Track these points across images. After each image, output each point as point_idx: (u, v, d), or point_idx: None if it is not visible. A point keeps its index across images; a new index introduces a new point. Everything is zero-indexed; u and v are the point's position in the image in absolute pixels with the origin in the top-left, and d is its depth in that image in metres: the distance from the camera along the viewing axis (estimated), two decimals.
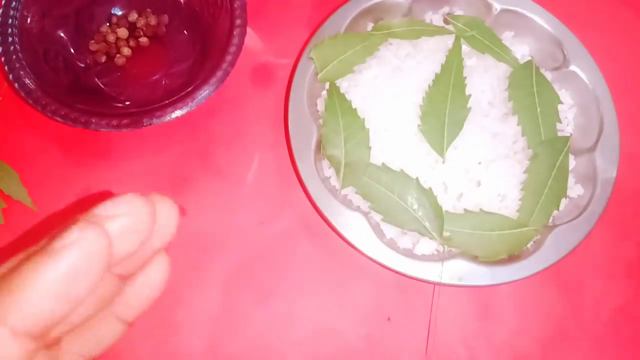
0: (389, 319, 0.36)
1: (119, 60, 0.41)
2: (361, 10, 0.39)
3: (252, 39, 0.42)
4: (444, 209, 0.33)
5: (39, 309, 0.13)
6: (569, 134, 0.37)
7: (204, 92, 0.35)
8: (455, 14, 0.40)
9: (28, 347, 0.13)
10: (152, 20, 0.41)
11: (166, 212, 0.17)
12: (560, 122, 0.36)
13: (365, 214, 0.34)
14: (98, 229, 0.14)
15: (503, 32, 0.40)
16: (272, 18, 0.44)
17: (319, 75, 0.37)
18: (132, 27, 0.41)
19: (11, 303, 0.13)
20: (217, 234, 0.37)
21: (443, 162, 0.35)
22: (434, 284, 0.33)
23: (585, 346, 0.36)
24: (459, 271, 0.33)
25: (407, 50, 0.39)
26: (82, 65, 0.40)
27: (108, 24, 0.41)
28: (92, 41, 0.41)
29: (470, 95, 0.36)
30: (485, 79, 0.37)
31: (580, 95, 0.38)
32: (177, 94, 0.35)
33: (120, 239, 0.15)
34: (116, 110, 0.37)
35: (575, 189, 0.36)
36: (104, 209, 0.15)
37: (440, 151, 0.35)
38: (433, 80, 0.36)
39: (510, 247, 0.33)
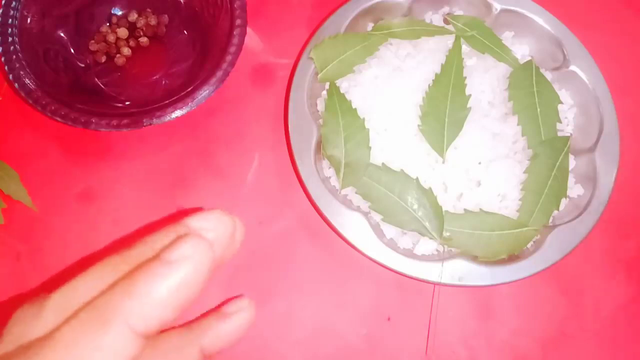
0: (389, 319, 0.36)
1: (119, 60, 0.41)
2: (361, 10, 0.39)
3: (252, 39, 0.42)
4: (444, 209, 0.33)
5: (155, 314, 0.15)
6: (569, 134, 0.37)
7: (204, 92, 0.35)
8: (455, 14, 0.40)
9: (140, 346, 0.15)
10: (152, 20, 0.41)
11: (239, 231, 0.19)
12: (560, 122, 0.36)
13: (365, 214, 0.34)
14: (208, 244, 0.16)
15: (503, 32, 0.40)
16: (272, 18, 0.44)
17: (319, 75, 0.37)
18: (132, 27, 0.41)
19: (133, 306, 0.14)
20: None
21: (443, 162, 0.35)
22: (434, 284, 0.33)
23: (585, 346, 0.36)
24: (459, 271, 0.33)
25: (407, 50, 0.39)
26: (82, 65, 0.40)
27: (108, 24, 0.41)
28: (92, 41, 0.41)
29: (470, 95, 0.36)
30: (485, 79, 0.37)
31: (580, 95, 0.38)
32: (177, 94, 0.35)
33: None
34: (116, 110, 0.37)
35: (575, 189, 0.36)
36: (196, 221, 0.17)
37: (440, 151, 0.35)
38: (433, 80, 0.36)
39: (510, 247, 0.33)
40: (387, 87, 0.37)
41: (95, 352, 0.14)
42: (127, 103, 0.39)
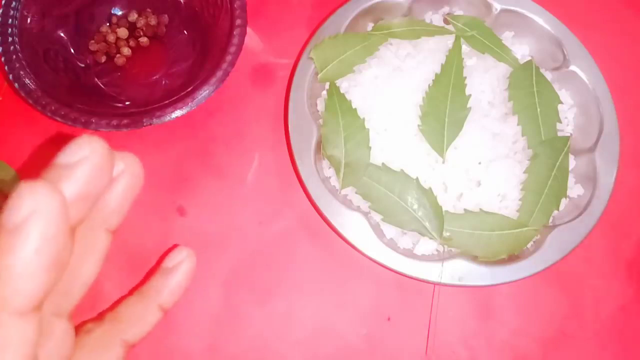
0: (389, 319, 0.36)
1: (119, 60, 0.41)
2: (361, 10, 0.39)
3: (252, 39, 0.42)
4: (444, 209, 0.33)
5: (29, 287, 0.13)
6: (569, 134, 0.37)
7: (204, 92, 0.35)
8: (455, 14, 0.40)
9: (36, 321, 0.14)
10: (152, 20, 0.41)
11: (130, 161, 0.19)
12: (560, 122, 0.36)
13: (365, 214, 0.34)
14: (46, 190, 0.13)
15: (503, 32, 0.40)
16: (272, 18, 0.44)
17: (319, 75, 0.37)
18: (132, 27, 0.41)
19: (2, 292, 0.13)
20: (217, 234, 0.37)
21: (443, 162, 0.35)
22: (434, 284, 0.33)
23: (585, 346, 0.36)
24: (459, 271, 0.33)
25: (407, 50, 0.38)
26: (82, 65, 0.40)
27: (108, 24, 0.41)
28: (92, 41, 0.41)
29: (470, 95, 0.36)
30: (485, 79, 0.37)
31: (580, 95, 0.38)
32: (177, 94, 0.35)
33: (86, 185, 0.15)
34: (116, 110, 0.37)
35: (575, 189, 0.36)
36: (64, 157, 0.14)
37: (440, 151, 0.35)
38: (433, 80, 0.36)
39: (510, 247, 0.33)
40: (387, 87, 0.37)
41: None
42: (127, 103, 0.39)
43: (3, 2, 0.36)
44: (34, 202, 0.13)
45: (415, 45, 0.39)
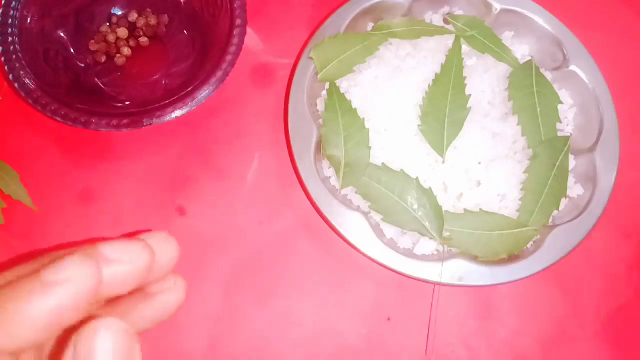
0: (389, 319, 0.36)
1: (119, 60, 0.41)
2: (361, 10, 0.39)
3: (252, 39, 0.42)
4: (444, 209, 0.33)
5: (23, 336, 0.14)
6: (569, 134, 0.37)
7: (204, 92, 0.35)
8: (455, 14, 0.40)
9: None
10: (152, 20, 0.41)
11: (164, 251, 0.18)
12: (560, 122, 0.36)
13: (365, 214, 0.34)
14: (93, 268, 0.14)
15: (503, 32, 0.40)
16: (272, 18, 0.44)
17: (319, 75, 0.37)
18: (132, 27, 0.41)
19: (1, 324, 0.13)
20: (217, 234, 0.37)
21: (443, 162, 0.35)
22: (434, 284, 0.33)
23: (585, 346, 0.36)
24: (459, 271, 0.33)
25: (407, 50, 0.38)
26: (82, 65, 0.40)
27: (108, 24, 0.41)
28: (92, 41, 0.41)
29: (470, 95, 0.36)
30: (485, 79, 0.37)
31: (580, 95, 0.38)
32: (177, 94, 0.35)
33: (112, 283, 0.15)
34: (116, 110, 0.37)
35: (575, 189, 0.36)
36: (106, 250, 0.15)
37: (440, 151, 0.35)
38: (433, 80, 0.36)
39: (510, 247, 0.33)
40: (387, 87, 0.37)
41: None
42: (127, 103, 0.39)
43: (3, 2, 0.36)
44: (74, 272, 0.14)
45: (415, 45, 0.39)
